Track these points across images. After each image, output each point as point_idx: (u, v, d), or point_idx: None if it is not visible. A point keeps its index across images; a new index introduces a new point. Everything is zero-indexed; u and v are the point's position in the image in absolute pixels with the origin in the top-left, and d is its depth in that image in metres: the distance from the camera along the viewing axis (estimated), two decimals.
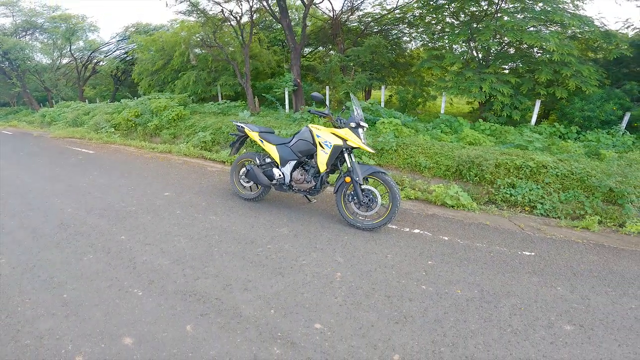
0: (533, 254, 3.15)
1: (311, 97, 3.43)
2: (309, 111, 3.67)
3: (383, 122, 6.31)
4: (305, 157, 3.75)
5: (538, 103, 7.27)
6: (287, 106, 9.71)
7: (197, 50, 12.21)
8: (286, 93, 9.58)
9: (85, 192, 4.57)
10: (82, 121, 11.65)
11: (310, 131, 3.60)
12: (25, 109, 21.26)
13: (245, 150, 6.13)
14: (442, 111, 8.43)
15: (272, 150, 3.90)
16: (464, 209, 4.20)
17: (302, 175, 3.67)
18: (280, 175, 3.83)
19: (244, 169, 4.19)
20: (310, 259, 2.91)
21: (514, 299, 2.45)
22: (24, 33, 20.28)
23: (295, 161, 3.77)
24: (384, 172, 3.39)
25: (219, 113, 9.26)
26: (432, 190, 4.59)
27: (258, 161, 4.06)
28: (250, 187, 4.31)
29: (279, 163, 3.87)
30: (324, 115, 3.46)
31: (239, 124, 4.22)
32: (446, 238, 3.38)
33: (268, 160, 4.02)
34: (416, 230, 3.52)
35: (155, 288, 2.52)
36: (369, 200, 3.40)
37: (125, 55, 19.58)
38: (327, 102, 10.02)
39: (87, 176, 5.34)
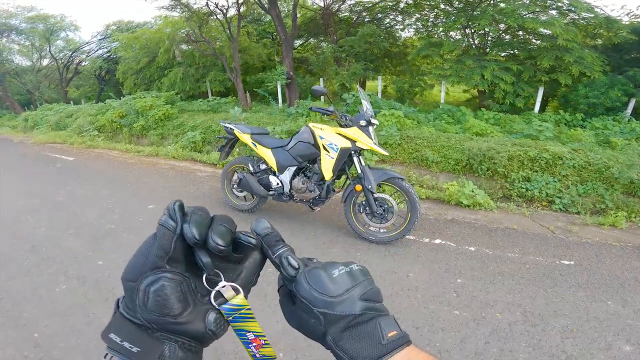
0: (572, 262, 2.81)
1: (312, 92, 2.95)
2: (311, 109, 3.10)
3: (384, 114, 5.95)
4: (306, 162, 3.25)
5: (541, 90, 6.99)
6: (280, 100, 9.30)
7: (184, 47, 11.70)
8: (279, 87, 9.15)
9: (61, 207, 4.11)
10: (65, 124, 11.06)
11: (312, 131, 3.09)
12: (8, 113, 20.42)
13: (238, 151, 5.72)
14: (442, 100, 8.10)
15: (268, 155, 3.35)
16: (481, 208, 3.86)
17: (303, 184, 3.16)
18: (278, 183, 3.33)
19: (236, 177, 3.64)
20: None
21: (563, 320, 2.13)
22: (0, 35, 19.38)
23: (295, 167, 3.26)
24: (401, 178, 2.92)
25: (209, 110, 8.80)
26: (443, 187, 4.26)
27: (252, 168, 3.52)
28: (244, 196, 3.77)
29: (275, 170, 3.35)
30: (329, 113, 2.99)
31: (227, 125, 3.64)
32: (473, 249, 2.99)
33: (263, 166, 3.47)
34: (437, 241, 3.13)
35: None
36: (384, 210, 2.95)
37: (109, 55, 18.85)
38: (322, 97, 9.61)
39: (65, 188, 4.85)
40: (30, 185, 5.17)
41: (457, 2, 8.62)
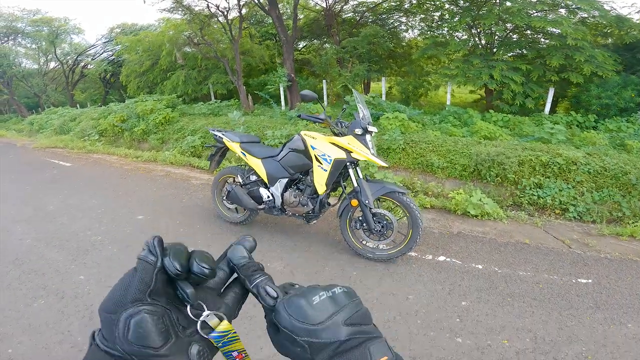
0: (590, 281, 2.57)
1: (300, 97, 2.68)
2: (299, 116, 2.80)
3: (387, 117, 5.75)
4: (298, 174, 2.98)
5: (552, 91, 6.73)
6: (282, 103, 9.13)
7: (187, 49, 11.61)
8: (281, 89, 8.99)
9: (51, 217, 3.96)
10: (68, 128, 11.03)
11: (303, 140, 2.81)
12: (15, 116, 20.59)
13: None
14: (447, 102, 7.86)
15: (258, 166, 3.10)
16: (490, 218, 3.63)
17: (295, 197, 2.91)
18: (269, 196, 3.07)
19: (226, 188, 3.41)
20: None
21: (577, 346, 1.92)
22: (6, 39, 19.54)
23: (287, 179, 3.00)
24: (401, 192, 2.65)
25: (209, 114, 8.67)
26: (449, 195, 4.04)
27: (241, 179, 3.27)
28: (235, 208, 3.48)
29: (266, 181, 3.10)
30: (319, 121, 2.71)
31: (215, 133, 3.38)
32: (480, 267, 2.74)
33: (253, 177, 3.21)
34: (442, 258, 2.87)
35: None
36: (382, 227, 2.69)
37: (113, 58, 18.89)
38: (325, 99, 9.43)
39: (57, 196, 4.71)
40: (24, 192, 5.06)
41: (462, 2, 8.39)
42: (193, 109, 9.16)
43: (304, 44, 14.42)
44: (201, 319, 0.40)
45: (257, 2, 8.93)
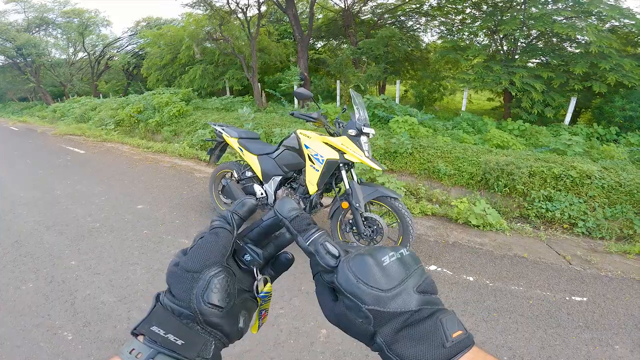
0: (585, 299, 2.44)
1: (294, 95, 2.57)
2: (292, 114, 2.72)
3: (397, 120, 5.65)
4: (293, 172, 2.93)
5: (573, 100, 6.48)
6: (295, 102, 9.13)
7: (207, 44, 11.78)
8: (295, 88, 8.98)
9: (56, 201, 4.07)
10: (88, 117, 11.37)
11: (298, 139, 2.77)
12: (40, 104, 21.36)
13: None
14: (463, 108, 7.69)
15: (253, 162, 3.07)
16: (492, 229, 3.50)
17: (287, 196, 2.85)
18: (262, 193, 3.03)
19: (222, 182, 3.40)
20: (290, 308, 2.22)
21: None
22: (37, 29, 20.28)
23: (281, 177, 2.95)
24: (393, 197, 2.55)
25: (222, 109, 8.75)
26: (452, 203, 3.92)
27: (236, 174, 3.25)
28: (231, 202, 3.39)
29: (261, 178, 3.06)
30: (312, 120, 2.63)
31: (216, 127, 3.37)
32: (471, 279, 2.63)
33: (249, 173, 3.18)
34: (432, 267, 2.75)
35: (89, 333, 2.00)
36: (372, 231, 2.61)
37: (137, 50, 19.36)
38: (338, 99, 9.37)
39: (66, 181, 4.85)
40: (36, 176, 5.21)
41: (485, 6, 8.19)
42: (207, 103, 9.27)
43: (322, 44, 14.40)
44: (256, 282, 0.42)
45: (275, 0, 8.96)
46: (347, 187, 2.61)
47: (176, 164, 5.73)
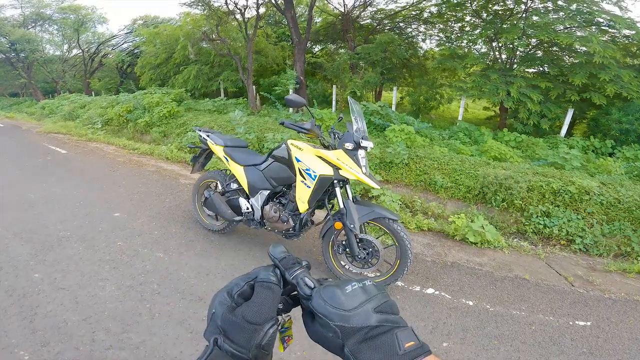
0: (589, 324, 2.32)
1: (285, 102, 2.32)
2: (282, 123, 2.44)
3: (393, 129, 5.51)
4: (282, 187, 2.70)
5: (570, 112, 6.41)
6: None
7: (203, 44, 11.59)
8: (291, 92, 8.83)
9: (28, 205, 3.84)
10: (77, 115, 11.09)
11: (288, 150, 2.52)
12: (30, 100, 20.95)
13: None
14: (459, 117, 7.58)
15: (239, 173, 2.83)
16: (490, 246, 3.36)
17: (275, 212, 2.60)
18: (248, 208, 2.78)
19: (204, 194, 3.13)
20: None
21: None
22: (33, 24, 19.94)
23: (269, 191, 2.71)
24: (392, 219, 2.34)
25: (214, 111, 8.56)
26: (449, 217, 3.78)
27: (220, 186, 3.02)
28: (215, 215, 3.20)
29: (247, 191, 2.81)
30: (304, 132, 2.38)
31: (201, 134, 3.13)
32: (471, 303, 2.47)
33: (234, 185, 2.93)
34: (430, 291, 2.58)
35: (47, 353, 1.83)
36: (367, 254, 2.40)
37: (133, 49, 19.09)
38: (334, 104, 9.23)
39: (42, 184, 4.60)
40: (11, 177, 4.97)
41: (485, 14, 8.13)
42: (199, 105, 9.07)
43: (319, 48, 14.29)
44: (283, 320, 0.50)
45: (273, 2, 8.82)
46: (342, 206, 2.38)
47: (161, 168, 5.49)
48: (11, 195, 4.18)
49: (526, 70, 7.60)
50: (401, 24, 11.06)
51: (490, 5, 7.91)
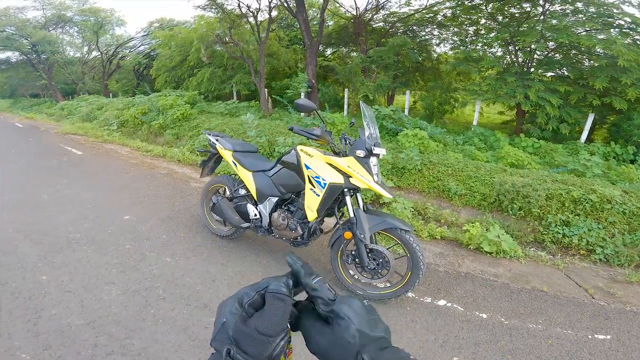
0: (609, 337, 2.20)
1: (295, 107, 2.22)
2: (291, 129, 2.34)
3: (406, 134, 5.41)
4: (291, 194, 2.62)
5: (591, 117, 6.19)
6: None
7: (217, 47, 11.72)
8: (302, 95, 8.80)
9: (40, 206, 3.88)
10: (94, 116, 11.33)
11: (298, 156, 2.45)
12: (50, 101, 21.53)
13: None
14: (474, 122, 7.42)
15: (248, 179, 2.78)
16: (506, 256, 3.23)
17: (284, 220, 2.54)
18: (256, 214, 2.73)
19: (212, 199, 3.09)
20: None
21: None
22: (54, 26, 20.50)
23: (277, 198, 2.65)
24: (404, 229, 2.24)
25: (227, 114, 8.60)
26: (463, 226, 3.66)
27: (229, 192, 2.97)
28: (224, 221, 3.13)
29: (255, 197, 2.76)
30: (314, 138, 2.27)
31: (210, 138, 3.08)
32: (484, 316, 2.36)
33: (243, 191, 2.88)
34: (442, 302, 2.49)
35: (48, 357, 1.82)
36: (378, 265, 2.32)
37: (149, 51, 19.45)
38: (346, 108, 9.17)
39: (56, 185, 4.66)
40: (26, 178, 5.05)
41: (501, 17, 7.96)
42: (212, 107, 9.14)
43: (331, 51, 14.26)
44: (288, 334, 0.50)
45: (285, 5, 8.84)
46: (352, 214, 2.30)
47: (173, 171, 5.51)
48: (25, 196, 4.24)
49: (544, 73, 7.40)
50: (414, 27, 10.93)
51: (507, 9, 7.76)
